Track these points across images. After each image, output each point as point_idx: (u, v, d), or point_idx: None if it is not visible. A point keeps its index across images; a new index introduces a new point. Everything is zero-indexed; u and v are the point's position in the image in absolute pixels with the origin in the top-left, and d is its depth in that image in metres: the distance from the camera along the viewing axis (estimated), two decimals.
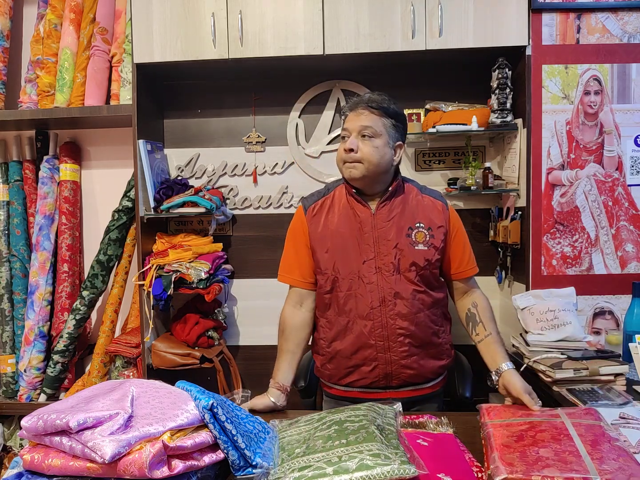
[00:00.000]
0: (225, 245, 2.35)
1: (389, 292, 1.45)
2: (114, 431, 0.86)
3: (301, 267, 1.55)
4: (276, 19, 1.99)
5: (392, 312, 1.45)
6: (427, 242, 1.48)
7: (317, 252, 1.51)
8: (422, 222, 1.49)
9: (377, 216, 1.47)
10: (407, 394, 1.49)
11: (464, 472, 0.96)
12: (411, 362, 1.47)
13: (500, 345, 1.46)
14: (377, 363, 1.46)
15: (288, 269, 1.57)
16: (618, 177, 1.97)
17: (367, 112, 1.44)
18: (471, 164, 2.12)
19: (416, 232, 1.48)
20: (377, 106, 1.44)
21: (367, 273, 1.46)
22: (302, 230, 1.54)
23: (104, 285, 2.25)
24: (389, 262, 1.45)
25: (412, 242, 1.47)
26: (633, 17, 1.94)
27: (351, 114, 1.47)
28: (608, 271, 1.98)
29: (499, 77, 2.00)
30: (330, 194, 1.56)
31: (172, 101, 2.37)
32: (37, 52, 2.24)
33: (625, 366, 1.48)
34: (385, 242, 1.46)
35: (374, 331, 1.45)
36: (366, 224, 1.47)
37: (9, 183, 2.35)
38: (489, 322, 1.50)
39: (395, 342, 1.45)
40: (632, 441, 1.08)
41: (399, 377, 1.48)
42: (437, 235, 1.49)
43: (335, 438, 1.00)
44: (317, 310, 1.57)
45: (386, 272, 1.45)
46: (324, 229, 1.51)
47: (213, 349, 2.18)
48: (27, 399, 2.26)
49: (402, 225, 1.47)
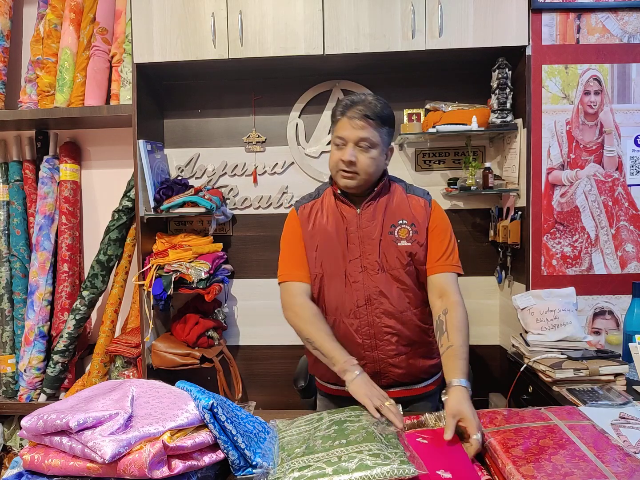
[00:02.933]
0: (225, 245, 2.35)
1: (374, 290, 1.44)
2: (114, 431, 0.86)
3: (303, 263, 1.51)
4: (276, 19, 1.99)
5: (378, 310, 1.45)
6: (410, 237, 1.46)
7: (307, 250, 1.51)
8: (405, 219, 1.48)
9: (362, 216, 1.47)
10: (398, 394, 1.47)
11: (463, 467, 0.97)
12: (399, 361, 1.47)
13: (459, 359, 1.29)
14: (365, 362, 1.45)
15: (290, 267, 1.52)
16: (618, 177, 1.97)
17: (363, 123, 1.39)
18: (471, 164, 2.12)
19: (399, 229, 1.47)
20: (374, 116, 1.39)
21: (353, 272, 1.46)
22: (297, 227, 1.54)
23: (104, 285, 2.25)
24: (373, 261, 1.45)
25: (395, 238, 1.46)
26: (633, 17, 1.94)
27: (345, 120, 1.41)
28: (608, 271, 1.98)
29: (499, 77, 2.00)
30: (320, 197, 1.56)
31: (172, 101, 2.37)
32: (37, 52, 2.24)
33: (625, 366, 1.48)
34: (370, 241, 1.46)
35: (360, 329, 1.46)
36: (352, 223, 1.47)
37: (9, 183, 2.35)
38: (454, 332, 1.35)
39: (382, 340, 1.45)
40: (632, 441, 1.08)
41: (387, 375, 1.48)
42: (420, 231, 1.48)
43: (335, 438, 1.00)
44: None
45: (371, 271, 1.45)
46: (313, 229, 1.51)
47: (213, 349, 2.18)
48: (27, 399, 2.26)
49: (385, 224, 1.47)
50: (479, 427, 1.06)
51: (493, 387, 2.21)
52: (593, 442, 0.99)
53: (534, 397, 1.60)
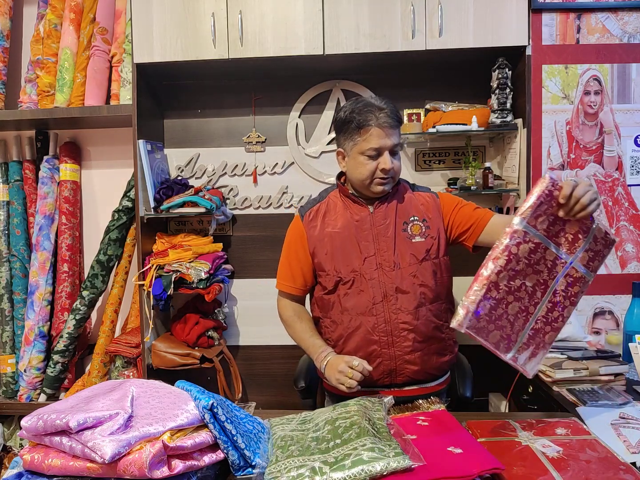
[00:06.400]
0: (225, 245, 2.35)
1: (391, 287, 1.46)
2: (114, 431, 0.86)
3: (294, 276, 1.59)
4: (276, 19, 1.99)
5: (395, 307, 1.46)
6: (423, 233, 1.50)
7: (317, 255, 1.54)
8: (416, 215, 1.52)
9: (375, 215, 1.50)
10: (411, 392, 1.49)
11: (469, 442, 1.01)
12: (415, 358, 1.47)
13: None
14: (381, 360, 1.47)
15: (282, 276, 1.63)
16: (618, 177, 1.97)
17: (393, 131, 1.45)
18: (471, 164, 2.12)
19: (411, 226, 1.51)
20: (399, 121, 1.47)
21: (368, 270, 1.48)
22: (300, 237, 1.57)
23: (104, 285, 2.25)
24: (389, 258, 1.48)
25: (409, 235, 1.50)
26: (633, 17, 1.94)
27: (376, 130, 1.42)
28: (608, 271, 1.98)
29: (499, 77, 2.00)
30: (325, 200, 1.59)
31: (172, 101, 2.37)
32: (37, 52, 2.24)
33: (625, 366, 1.48)
34: (385, 239, 1.49)
35: (377, 327, 1.47)
36: (365, 222, 1.50)
37: (9, 183, 2.35)
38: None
39: (399, 337, 1.46)
40: (632, 441, 1.08)
41: (403, 373, 1.48)
42: (432, 225, 1.51)
43: (330, 439, 1.00)
44: (319, 312, 1.58)
45: (387, 268, 1.47)
46: (321, 232, 1.54)
47: (213, 349, 2.18)
48: (27, 399, 2.26)
49: (398, 222, 1.51)
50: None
51: (493, 387, 2.21)
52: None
53: (534, 397, 1.60)
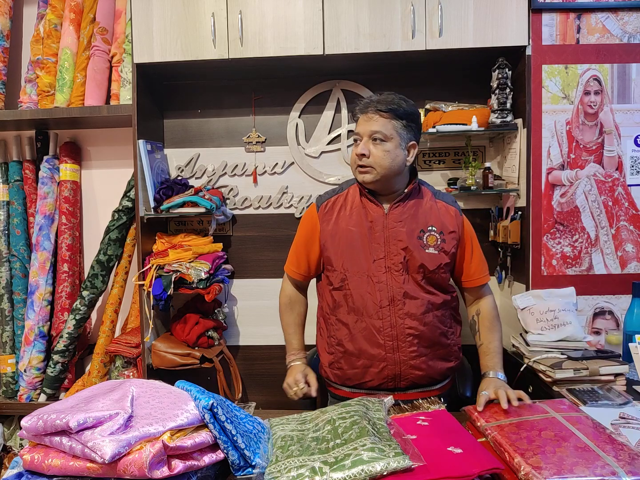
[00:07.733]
0: (225, 245, 2.35)
1: (398, 291, 1.46)
2: (114, 431, 0.86)
3: (299, 262, 1.63)
4: (276, 18, 1.99)
5: (402, 312, 1.45)
6: (438, 245, 1.49)
7: (328, 249, 1.53)
8: (434, 225, 1.50)
9: (390, 216, 1.48)
10: (414, 395, 1.48)
11: (469, 442, 1.01)
12: (420, 363, 1.47)
13: (492, 355, 1.51)
14: (385, 364, 1.46)
15: (291, 260, 1.68)
16: (618, 177, 1.97)
17: (376, 116, 1.43)
18: (471, 164, 2.12)
19: (428, 235, 1.49)
20: (386, 109, 1.43)
21: (377, 272, 1.47)
22: (313, 228, 1.57)
23: (104, 285, 2.25)
24: (398, 262, 1.46)
25: (423, 244, 1.48)
26: (633, 17, 1.94)
27: (362, 117, 1.47)
28: (608, 271, 1.98)
29: (499, 77, 1.99)
30: (344, 192, 1.58)
31: (172, 101, 2.37)
32: (37, 52, 2.24)
33: (625, 366, 1.48)
34: (396, 243, 1.47)
35: (383, 330, 1.46)
36: (378, 223, 1.48)
37: (9, 183, 2.35)
38: (486, 332, 1.56)
39: (405, 342, 1.46)
40: (632, 441, 1.08)
41: (407, 378, 1.48)
42: (448, 240, 1.50)
43: (330, 439, 1.00)
44: (327, 309, 1.58)
45: (395, 272, 1.46)
46: (334, 227, 1.53)
47: (213, 349, 2.18)
48: (27, 399, 2.26)
49: (413, 228, 1.48)
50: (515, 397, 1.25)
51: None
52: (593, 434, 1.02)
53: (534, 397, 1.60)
